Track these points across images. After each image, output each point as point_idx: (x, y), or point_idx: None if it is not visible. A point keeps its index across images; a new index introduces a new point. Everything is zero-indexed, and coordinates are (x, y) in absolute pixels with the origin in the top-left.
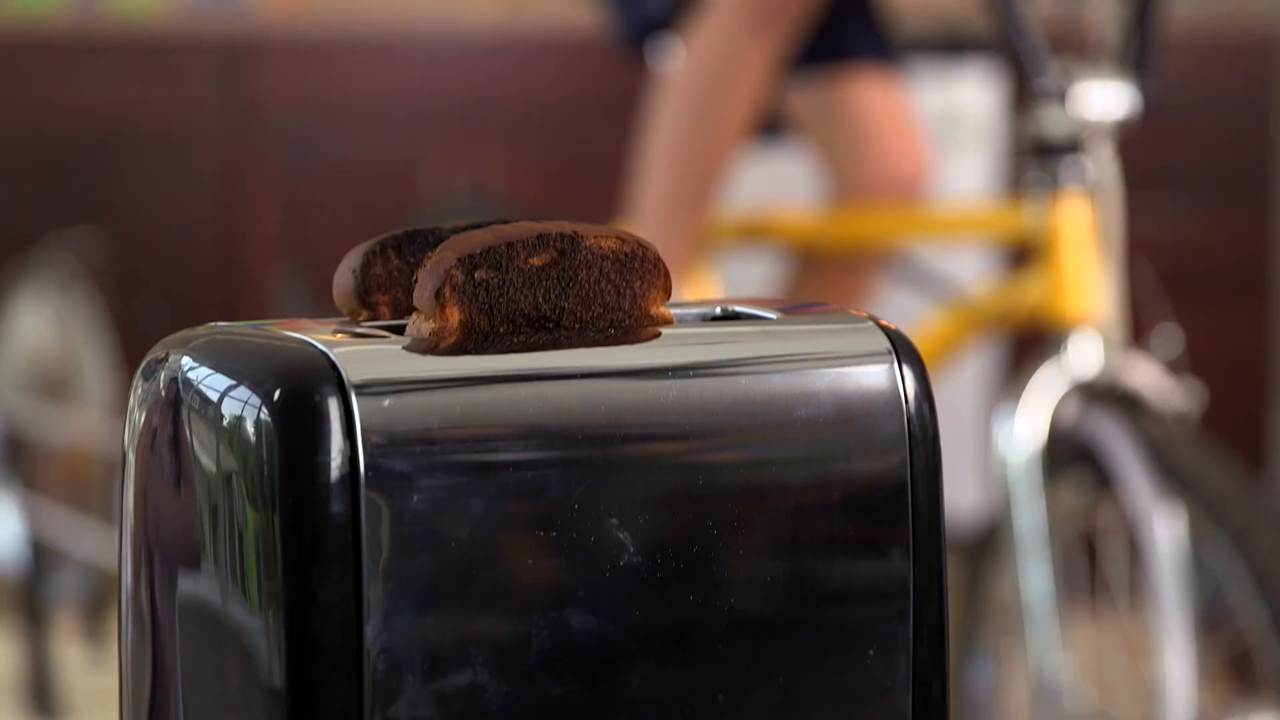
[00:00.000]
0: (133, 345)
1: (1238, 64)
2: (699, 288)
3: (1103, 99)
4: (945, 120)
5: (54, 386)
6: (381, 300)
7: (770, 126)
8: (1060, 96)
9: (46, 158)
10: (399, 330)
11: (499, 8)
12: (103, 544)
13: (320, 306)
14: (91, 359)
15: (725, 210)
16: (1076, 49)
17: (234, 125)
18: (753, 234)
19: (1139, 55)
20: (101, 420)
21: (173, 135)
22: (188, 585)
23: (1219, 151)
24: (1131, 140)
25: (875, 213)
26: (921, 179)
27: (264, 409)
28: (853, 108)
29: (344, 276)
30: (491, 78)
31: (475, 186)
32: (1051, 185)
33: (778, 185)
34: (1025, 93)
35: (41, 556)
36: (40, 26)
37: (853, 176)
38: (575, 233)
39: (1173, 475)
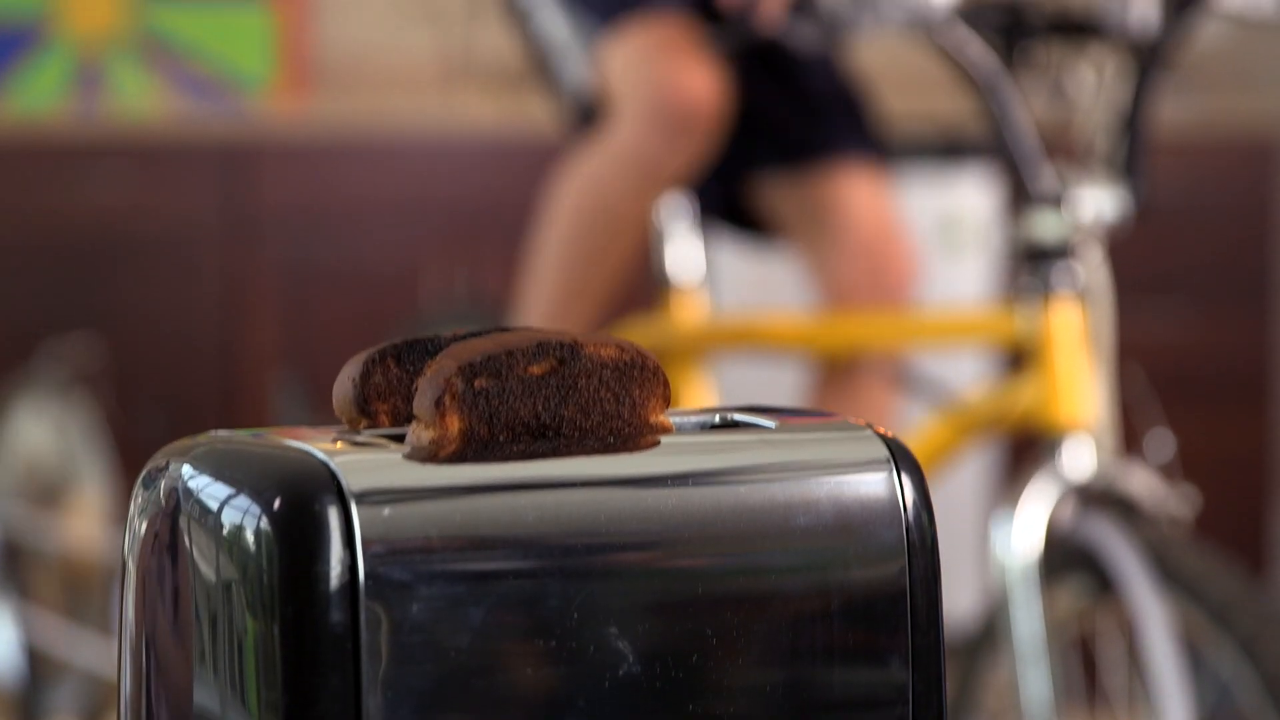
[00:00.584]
0: (131, 451)
1: (1237, 168)
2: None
3: (1094, 203)
4: (943, 223)
5: (52, 493)
6: (381, 409)
7: (757, 227)
8: (1054, 201)
9: (45, 262)
10: (399, 439)
11: (496, 112)
12: (101, 654)
13: (319, 412)
14: (90, 465)
15: (717, 315)
16: (1065, 154)
17: (233, 230)
18: (744, 339)
19: (1129, 159)
20: (100, 528)
21: (172, 240)
22: (187, 694)
23: (1219, 255)
24: (1132, 244)
25: (867, 317)
26: (908, 283)
27: (264, 518)
28: (838, 207)
29: (344, 385)
30: (489, 182)
31: (474, 291)
32: (1043, 290)
33: (766, 288)
34: (1018, 197)
35: (39, 666)
36: (40, 130)
37: (838, 279)
38: (575, 341)
39: (1174, 579)
